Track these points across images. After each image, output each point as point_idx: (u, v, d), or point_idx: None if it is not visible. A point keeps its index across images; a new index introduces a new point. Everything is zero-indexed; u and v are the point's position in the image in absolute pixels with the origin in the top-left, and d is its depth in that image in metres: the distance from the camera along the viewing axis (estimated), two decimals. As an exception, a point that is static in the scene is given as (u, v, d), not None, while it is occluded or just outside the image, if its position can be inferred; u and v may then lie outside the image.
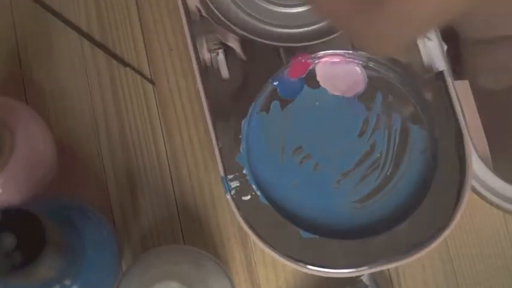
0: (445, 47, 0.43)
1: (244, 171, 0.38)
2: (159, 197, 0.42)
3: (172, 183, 0.42)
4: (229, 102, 0.40)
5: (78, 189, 0.42)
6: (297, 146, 0.40)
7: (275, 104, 0.41)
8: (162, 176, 0.42)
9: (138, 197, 0.42)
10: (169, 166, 0.43)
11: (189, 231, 0.42)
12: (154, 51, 0.45)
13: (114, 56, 0.44)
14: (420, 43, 0.42)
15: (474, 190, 0.42)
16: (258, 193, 0.38)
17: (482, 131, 0.43)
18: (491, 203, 0.42)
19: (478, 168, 0.41)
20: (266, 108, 0.41)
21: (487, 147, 0.43)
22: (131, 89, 0.44)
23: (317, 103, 0.41)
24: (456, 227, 0.42)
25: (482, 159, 0.42)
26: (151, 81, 0.44)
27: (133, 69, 0.44)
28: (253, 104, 0.40)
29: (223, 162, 0.38)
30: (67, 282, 0.31)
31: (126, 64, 0.44)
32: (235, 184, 0.38)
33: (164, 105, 0.44)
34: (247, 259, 0.41)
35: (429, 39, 0.42)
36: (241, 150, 0.39)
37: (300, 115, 0.41)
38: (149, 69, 0.44)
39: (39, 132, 0.37)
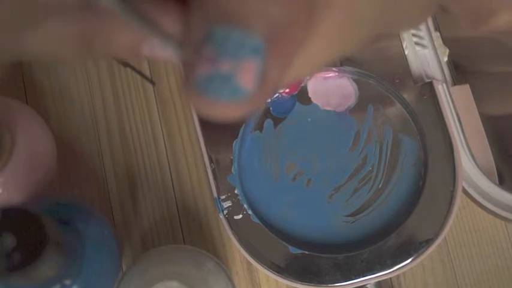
0: (447, 51, 0.42)
1: (236, 191, 0.39)
2: (159, 197, 0.42)
3: (172, 183, 0.42)
4: (222, 123, 0.40)
5: (78, 189, 0.42)
6: (289, 163, 0.41)
7: (268, 122, 0.41)
8: (162, 175, 0.42)
9: (138, 197, 0.42)
10: (169, 166, 0.43)
11: (189, 231, 0.42)
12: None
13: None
14: (411, 51, 0.41)
15: (474, 200, 0.41)
16: (250, 212, 0.39)
17: (485, 138, 0.41)
18: (495, 215, 0.41)
19: (478, 179, 0.40)
20: (260, 127, 0.41)
21: (491, 157, 0.41)
22: (131, 89, 0.44)
23: (309, 119, 0.41)
24: (456, 227, 0.42)
25: (483, 168, 0.40)
26: (152, 81, 0.44)
27: (134, 69, 0.44)
28: (244, 124, 0.40)
29: (216, 183, 0.39)
30: (67, 282, 0.31)
31: (126, 64, 0.44)
32: (227, 204, 0.39)
33: (164, 105, 0.44)
34: (247, 259, 0.41)
35: (423, 46, 0.41)
36: (232, 171, 0.39)
37: (293, 132, 0.41)
38: (149, 69, 0.44)
39: (39, 132, 0.37)
